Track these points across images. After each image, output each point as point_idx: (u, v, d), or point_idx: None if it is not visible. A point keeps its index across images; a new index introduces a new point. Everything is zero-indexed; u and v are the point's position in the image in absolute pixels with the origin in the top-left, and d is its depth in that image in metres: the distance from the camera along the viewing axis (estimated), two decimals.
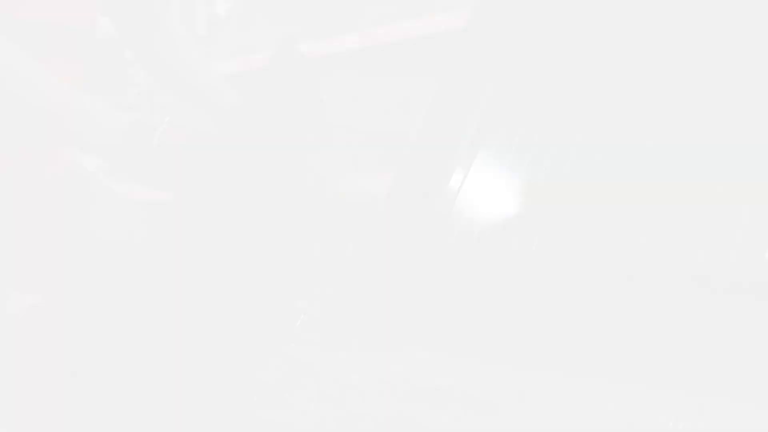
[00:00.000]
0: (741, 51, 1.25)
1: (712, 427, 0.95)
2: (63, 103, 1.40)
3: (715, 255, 1.07)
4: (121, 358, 1.74)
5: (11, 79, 1.38)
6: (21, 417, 1.82)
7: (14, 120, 1.43)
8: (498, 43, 1.70)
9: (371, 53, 2.02)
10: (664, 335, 1.08)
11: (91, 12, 1.59)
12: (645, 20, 1.37)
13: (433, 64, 1.92)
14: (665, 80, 1.31)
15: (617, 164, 1.27)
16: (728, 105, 1.21)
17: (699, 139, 1.20)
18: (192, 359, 1.45)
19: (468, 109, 1.63)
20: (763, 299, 1.03)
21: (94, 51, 1.77)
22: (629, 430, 1.00)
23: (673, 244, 1.12)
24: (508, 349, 1.21)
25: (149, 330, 1.46)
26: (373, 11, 2.14)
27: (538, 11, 1.64)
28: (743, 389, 0.96)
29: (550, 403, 1.08)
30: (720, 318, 1.05)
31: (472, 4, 1.78)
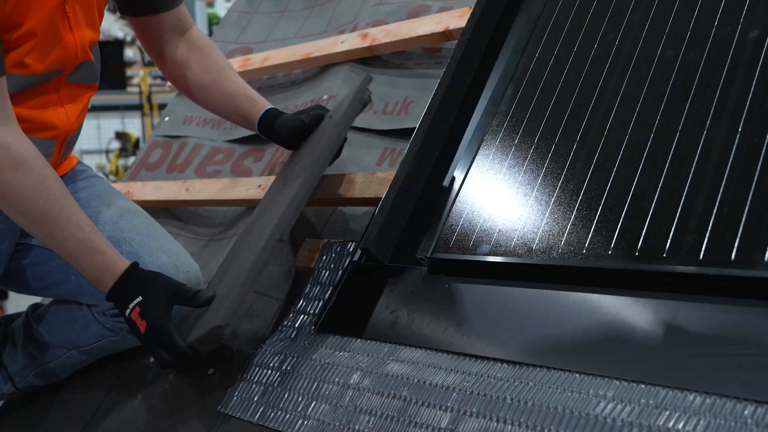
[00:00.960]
0: None
1: (712, 427, 0.95)
2: None
3: (716, 255, 1.07)
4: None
5: None
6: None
7: None
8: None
9: (371, 53, 2.02)
10: (665, 335, 1.08)
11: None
12: None
13: (432, 64, 1.92)
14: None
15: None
16: None
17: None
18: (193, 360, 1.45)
19: (469, 107, 1.63)
20: (763, 299, 1.03)
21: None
22: (629, 430, 1.00)
23: (674, 244, 1.12)
24: (508, 349, 1.21)
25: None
26: (373, 11, 2.14)
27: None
28: (743, 389, 0.96)
29: (550, 402, 1.08)
30: (720, 317, 1.05)
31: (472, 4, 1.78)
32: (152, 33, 1.73)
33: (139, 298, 1.42)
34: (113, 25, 12.36)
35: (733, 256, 1.05)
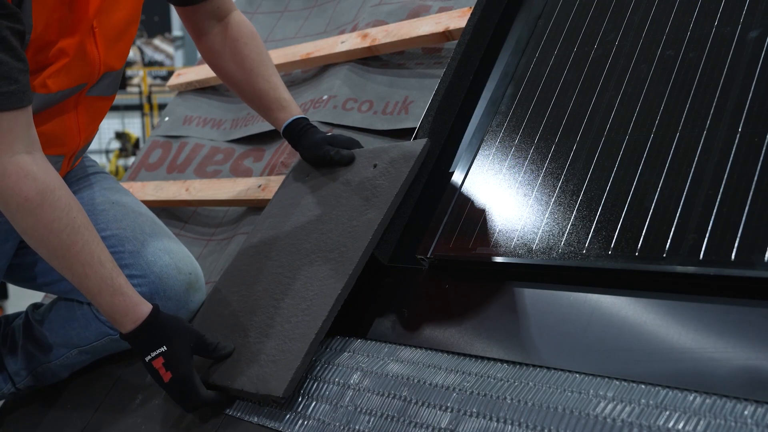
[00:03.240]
0: None
1: (711, 427, 0.95)
2: None
3: (716, 255, 1.07)
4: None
5: None
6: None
7: None
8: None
9: (371, 53, 2.02)
10: (665, 335, 1.08)
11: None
12: None
13: (432, 64, 1.92)
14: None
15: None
16: None
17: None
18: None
19: (469, 107, 1.63)
20: (763, 299, 1.03)
21: None
22: (629, 430, 1.00)
23: (674, 244, 1.12)
24: (508, 349, 1.21)
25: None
26: (373, 11, 2.14)
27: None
28: (743, 389, 0.96)
29: (550, 402, 1.08)
30: (720, 317, 1.05)
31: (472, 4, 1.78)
32: (190, 20, 1.70)
33: (164, 348, 1.39)
34: None
35: (733, 256, 1.05)
